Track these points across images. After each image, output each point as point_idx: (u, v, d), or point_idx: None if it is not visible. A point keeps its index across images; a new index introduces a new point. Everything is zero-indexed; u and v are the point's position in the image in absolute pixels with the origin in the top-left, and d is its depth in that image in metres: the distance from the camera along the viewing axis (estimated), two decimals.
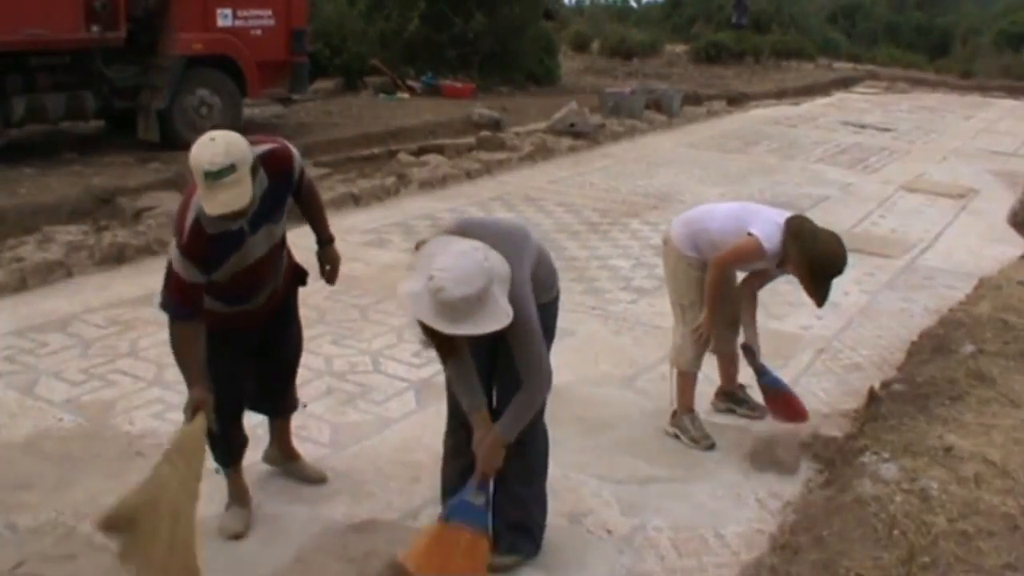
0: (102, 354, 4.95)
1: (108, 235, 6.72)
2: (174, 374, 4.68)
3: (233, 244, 3.08)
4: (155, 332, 5.24)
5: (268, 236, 3.20)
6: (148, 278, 6.14)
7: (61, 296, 5.77)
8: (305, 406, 4.03)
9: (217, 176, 2.81)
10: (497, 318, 2.72)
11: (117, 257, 6.39)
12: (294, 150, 3.24)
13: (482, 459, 3.03)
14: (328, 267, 3.60)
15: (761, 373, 4.37)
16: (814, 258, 3.89)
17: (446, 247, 2.76)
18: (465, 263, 2.67)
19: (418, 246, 2.88)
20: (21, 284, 5.82)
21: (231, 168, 2.83)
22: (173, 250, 3.04)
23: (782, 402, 4.36)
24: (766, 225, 3.98)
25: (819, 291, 3.98)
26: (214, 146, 2.85)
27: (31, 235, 6.73)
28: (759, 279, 4.35)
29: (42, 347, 5.00)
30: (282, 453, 3.82)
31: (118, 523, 2.88)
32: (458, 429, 3.26)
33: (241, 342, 3.38)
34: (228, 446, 3.45)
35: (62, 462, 3.88)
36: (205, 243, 2.99)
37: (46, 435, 4.10)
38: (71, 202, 7.40)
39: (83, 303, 5.66)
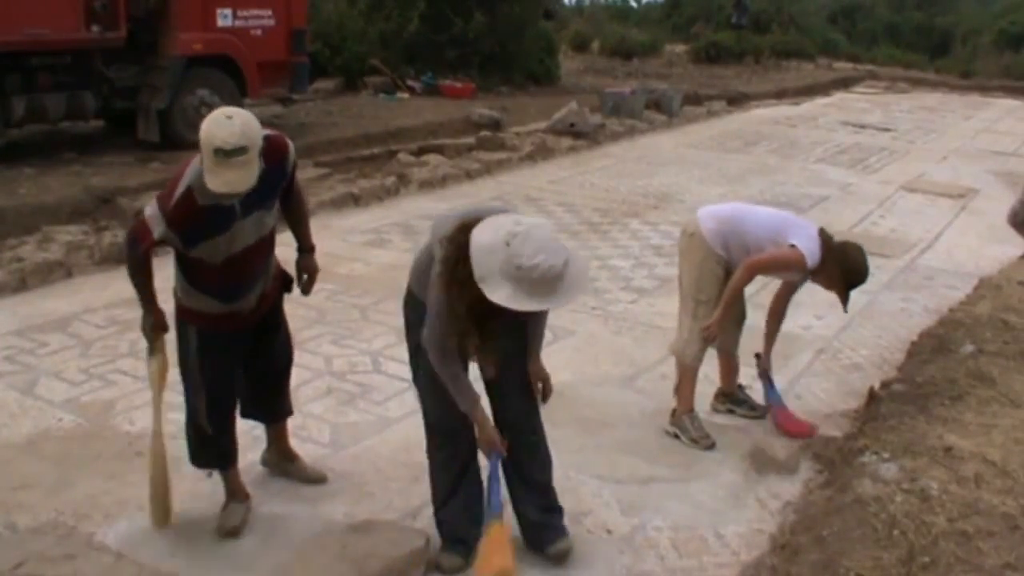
0: (102, 354, 4.95)
1: (108, 235, 6.72)
2: (174, 374, 4.69)
3: (222, 222, 3.03)
4: None
5: (258, 225, 3.16)
6: None
7: (61, 296, 5.77)
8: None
9: (228, 155, 2.79)
10: (584, 271, 2.88)
11: (117, 257, 6.37)
12: (290, 142, 3.25)
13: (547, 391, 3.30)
14: (306, 276, 3.56)
15: (768, 387, 4.44)
16: (847, 270, 4.06)
17: (500, 230, 2.73)
18: (543, 234, 2.72)
19: (444, 241, 2.85)
20: (21, 284, 5.82)
21: (243, 150, 2.82)
22: (153, 207, 3.00)
23: (784, 418, 4.38)
24: (808, 240, 4.04)
25: (846, 297, 4.18)
26: (231, 124, 2.83)
27: (31, 235, 6.73)
28: (788, 291, 4.39)
29: (42, 347, 5.00)
30: (280, 455, 3.82)
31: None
32: (448, 442, 3.27)
33: (233, 345, 3.36)
34: (223, 449, 3.45)
35: (62, 462, 3.88)
36: (192, 213, 2.96)
37: (46, 435, 4.10)
38: (71, 202, 7.40)
39: (83, 303, 5.66)
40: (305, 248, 3.53)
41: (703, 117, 14.90)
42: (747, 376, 4.60)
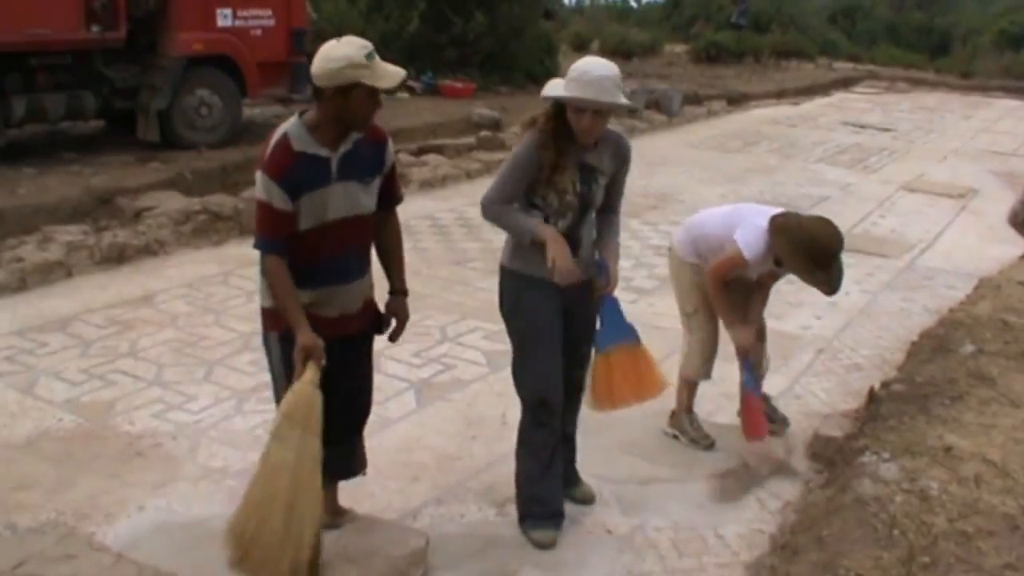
0: (102, 354, 4.95)
1: (108, 235, 6.71)
2: (174, 374, 4.71)
3: (319, 173, 2.93)
4: (155, 332, 5.25)
5: (352, 199, 3.01)
6: (148, 278, 6.15)
7: (61, 296, 5.76)
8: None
9: (371, 56, 2.90)
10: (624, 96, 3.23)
11: (117, 257, 6.39)
12: (391, 142, 3.18)
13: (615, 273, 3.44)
14: (394, 321, 3.33)
15: (745, 370, 4.15)
16: (806, 245, 3.77)
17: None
18: (602, 60, 3.23)
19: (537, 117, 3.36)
20: (21, 284, 5.82)
21: (376, 53, 2.95)
22: (258, 179, 2.92)
23: (746, 407, 4.17)
24: (747, 231, 3.88)
25: (822, 279, 3.84)
26: (354, 39, 2.93)
27: (31, 235, 6.72)
28: (771, 278, 4.27)
29: (42, 347, 5.00)
30: (331, 514, 3.34)
31: (236, 541, 2.76)
32: (547, 416, 3.38)
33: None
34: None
35: (62, 462, 3.88)
36: (289, 157, 2.90)
37: (46, 435, 4.10)
38: (71, 202, 7.40)
39: (83, 303, 5.66)
40: (397, 290, 3.36)
41: (703, 117, 14.90)
42: (769, 387, 4.54)
